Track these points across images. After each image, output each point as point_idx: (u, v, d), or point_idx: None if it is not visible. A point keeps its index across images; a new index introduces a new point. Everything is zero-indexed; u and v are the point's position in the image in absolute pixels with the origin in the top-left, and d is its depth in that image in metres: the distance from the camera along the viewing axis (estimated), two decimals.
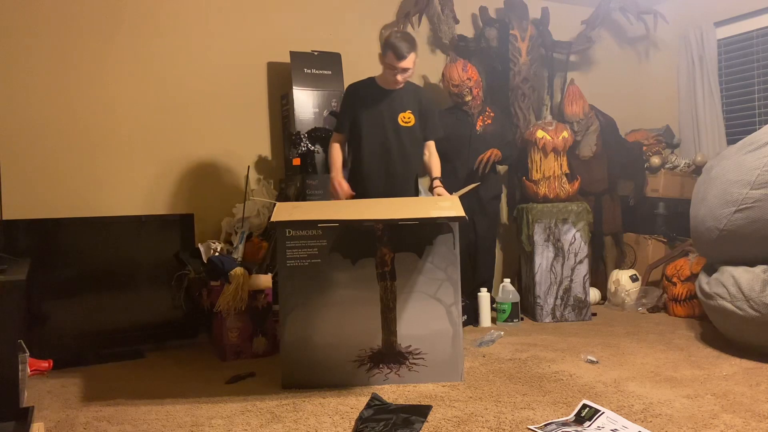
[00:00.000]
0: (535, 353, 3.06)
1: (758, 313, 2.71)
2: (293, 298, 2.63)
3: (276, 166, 3.97)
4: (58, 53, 3.45)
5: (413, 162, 3.21)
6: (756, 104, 4.65)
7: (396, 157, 3.15)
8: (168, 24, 3.72)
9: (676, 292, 3.86)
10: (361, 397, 2.44)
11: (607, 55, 5.10)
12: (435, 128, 3.26)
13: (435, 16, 4.44)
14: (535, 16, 4.59)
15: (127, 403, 2.48)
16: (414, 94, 3.19)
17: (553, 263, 3.91)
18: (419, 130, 3.19)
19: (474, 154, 3.91)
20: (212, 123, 3.82)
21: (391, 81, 3.08)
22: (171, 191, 3.71)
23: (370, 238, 2.64)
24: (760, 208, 2.77)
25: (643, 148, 4.65)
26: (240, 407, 2.38)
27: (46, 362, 2.69)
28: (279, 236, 2.66)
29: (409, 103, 3.15)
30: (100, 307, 3.23)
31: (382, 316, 2.63)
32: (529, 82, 4.47)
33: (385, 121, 3.12)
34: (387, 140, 3.13)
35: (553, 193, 4.00)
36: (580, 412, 2.18)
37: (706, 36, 4.75)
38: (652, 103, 5.12)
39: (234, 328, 3.15)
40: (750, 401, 2.27)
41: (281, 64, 3.92)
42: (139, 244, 3.38)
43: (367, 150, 3.15)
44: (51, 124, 3.43)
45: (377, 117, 3.12)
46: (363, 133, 3.14)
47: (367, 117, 3.13)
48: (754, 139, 2.95)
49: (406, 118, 3.13)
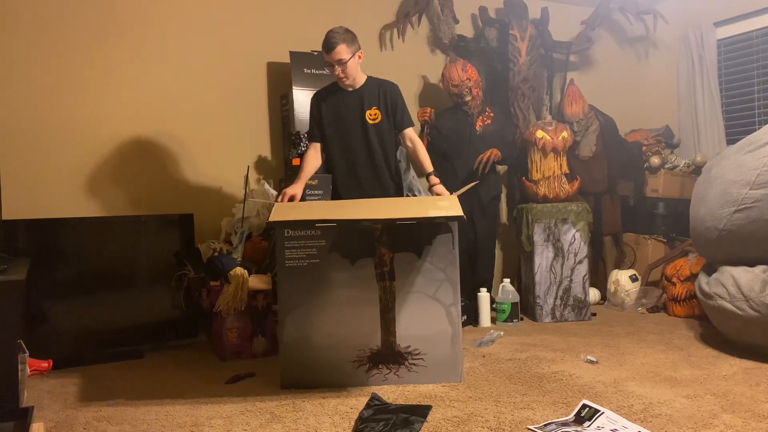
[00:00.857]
0: (535, 353, 3.06)
1: (758, 313, 2.71)
2: (292, 299, 2.63)
3: (276, 166, 3.97)
4: (58, 53, 3.45)
5: (385, 158, 3.15)
6: (756, 104, 4.65)
7: (366, 156, 3.11)
8: (168, 24, 3.72)
9: (675, 292, 3.86)
10: (361, 398, 2.44)
11: (606, 55, 5.10)
12: (405, 117, 3.16)
13: (435, 16, 4.44)
14: (535, 16, 4.59)
15: (127, 403, 2.48)
16: (378, 89, 3.12)
17: (552, 263, 3.91)
18: (388, 124, 3.13)
19: (474, 154, 3.91)
20: (212, 123, 3.82)
21: (336, 78, 3.05)
22: (171, 191, 3.71)
23: (369, 239, 2.63)
24: (760, 208, 2.77)
25: (643, 148, 4.65)
26: (239, 407, 2.38)
27: (46, 362, 2.70)
28: (278, 236, 2.66)
29: (374, 100, 3.10)
30: (99, 307, 3.23)
31: (381, 317, 2.62)
32: (529, 82, 4.47)
33: (352, 122, 3.10)
34: (356, 141, 3.10)
35: (552, 193, 4.00)
36: (579, 412, 2.18)
37: (706, 36, 4.75)
38: (651, 103, 5.12)
39: (234, 328, 3.15)
40: (750, 401, 2.27)
41: (281, 64, 3.92)
42: (138, 244, 3.38)
43: (337, 153, 3.14)
44: (51, 123, 3.43)
45: (343, 119, 3.10)
46: (331, 138, 3.13)
47: (334, 121, 3.11)
48: (754, 139, 2.95)
49: (372, 115, 3.10)
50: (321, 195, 3.49)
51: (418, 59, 4.47)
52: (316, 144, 3.15)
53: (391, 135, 3.17)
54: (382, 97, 3.11)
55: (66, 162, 3.46)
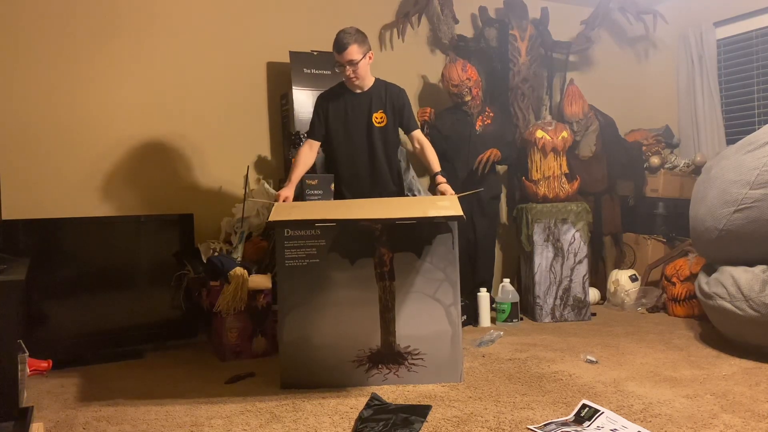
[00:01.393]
0: (535, 353, 3.06)
1: (757, 313, 2.71)
2: (292, 298, 2.63)
3: (276, 166, 3.97)
4: (58, 53, 3.45)
5: (388, 161, 3.17)
6: (755, 104, 4.65)
7: (370, 158, 3.12)
8: (167, 24, 3.72)
9: (675, 292, 3.86)
10: (361, 397, 2.44)
11: (606, 55, 5.10)
12: (413, 120, 3.20)
13: (434, 16, 4.44)
14: (535, 16, 4.59)
15: (127, 403, 2.48)
16: (384, 92, 3.13)
17: (552, 263, 3.91)
18: (393, 127, 3.15)
19: (474, 154, 3.92)
20: (212, 123, 3.82)
21: (346, 79, 3.05)
22: (171, 191, 3.70)
23: (368, 238, 2.64)
24: (759, 208, 2.77)
25: (643, 148, 4.65)
26: (239, 407, 2.38)
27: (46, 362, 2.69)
28: (277, 236, 2.66)
29: (381, 103, 3.11)
30: (99, 307, 3.22)
31: (381, 317, 2.63)
32: (529, 82, 4.47)
33: (358, 124, 3.10)
34: (361, 143, 3.11)
35: (552, 193, 4.00)
36: (579, 412, 2.18)
37: (706, 36, 4.75)
38: (651, 103, 5.12)
39: (233, 328, 3.15)
40: (749, 401, 2.27)
41: (281, 64, 3.92)
42: (138, 244, 3.38)
43: (342, 154, 3.14)
44: (51, 123, 3.43)
45: (349, 121, 3.10)
46: (337, 139, 3.13)
47: (340, 122, 3.11)
48: (754, 139, 2.95)
49: (379, 119, 3.11)
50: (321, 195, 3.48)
51: (418, 59, 4.47)
52: (314, 142, 3.14)
53: (395, 138, 3.19)
54: (389, 100, 3.12)
55: (66, 162, 3.46)
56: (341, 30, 2.99)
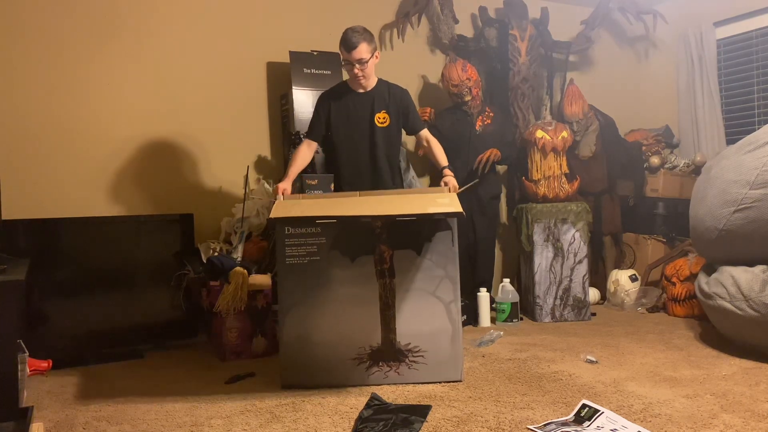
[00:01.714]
0: (535, 353, 3.06)
1: (757, 313, 2.71)
2: (292, 296, 2.63)
3: (276, 166, 3.97)
4: (58, 53, 3.45)
5: (390, 161, 3.18)
6: (755, 104, 4.65)
7: (372, 158, 3.13)
8: (167, 24, 3.72)
9: (675, 292, 3.86)
10: (361, 397, 2.44)
11: (606, 55, 5.10)
12: (418, 120, 3.23)
13: (434, 16, 4.44)
14: (535, 16, 4.59)
15: (127, 403, 2.48)
16: (387, 92, 3.14)
17: (552, 263, 3.91)
18: (396, 128, 3.16)
19: (473, 153, 3.92)
20: (212, 123, 3.82)
21: (353, 77, 3.05)
22: (171, 191, 3.70)
23: (368, 236, 2.64)
24: (759, 208, 2.77)
25: (643, 148, 4.65)
26: (239, 407, 2.38)
27: (46, 362, 2.69)
28: (278, 234, 2.66)
29: (383, 103, 3.12)
30: (99, 307, 3.22)
31: (381, 314, 2.63)
32: (529, 82, 4.47)
33: (361, 124, 3.10)
34: (363, 142, 3.12)
35: (552, 193, 4.00)
36: (579, 411, 2.18)
37: (706, 36, 4.75)
38: (651, 103, 5.12)
39: (233, 328, 3.15)
40: (749, 401, 2.27)
41: (281, 63, 3.92)
42: (138, 244, 3.38)
43: (343, 154, 3.15)
44: (51, 123, 3.43)
45: (352, 121, 3.11)
46: (338, 138, 3.13)
47: (343, 122, 3.11)
48: (754, 139, 2.95)
49: (381, 119, 3.11)
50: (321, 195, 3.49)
51: (418, 59, 4.47)
52: (312, 142, 3.15)
53: (397, 138, 3.19)
54: (393, 101, 3.13)
55: (66, 162, 3.46)
56: (349, 28, 2.98)
